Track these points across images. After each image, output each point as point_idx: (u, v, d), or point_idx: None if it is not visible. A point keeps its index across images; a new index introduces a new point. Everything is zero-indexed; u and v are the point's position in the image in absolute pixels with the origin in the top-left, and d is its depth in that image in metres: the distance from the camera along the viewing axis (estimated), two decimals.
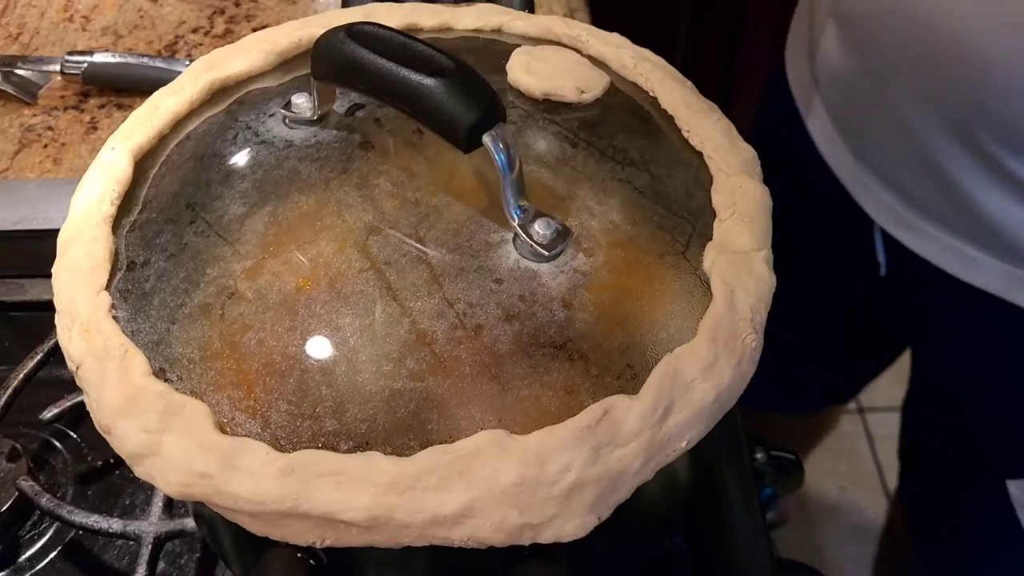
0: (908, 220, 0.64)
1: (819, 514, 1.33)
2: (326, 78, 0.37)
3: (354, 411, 0.32)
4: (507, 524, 0.30)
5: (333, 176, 0.38)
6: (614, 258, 0.35)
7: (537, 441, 0.30)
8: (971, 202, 0.58)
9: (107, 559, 0.50)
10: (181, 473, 0.31)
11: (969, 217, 0.60)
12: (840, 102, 0.66)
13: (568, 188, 0.37)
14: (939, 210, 0.62)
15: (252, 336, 0.33)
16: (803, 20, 0.72)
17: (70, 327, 0.35)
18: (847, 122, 0.66)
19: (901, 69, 0.57)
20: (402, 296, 0.34)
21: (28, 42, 0.75)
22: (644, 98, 0.42)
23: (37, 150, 0.66)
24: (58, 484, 0.52)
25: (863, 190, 0.66)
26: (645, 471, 0.31)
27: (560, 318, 0.34)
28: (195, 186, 0.38)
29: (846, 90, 0.65)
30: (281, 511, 0.30)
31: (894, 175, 0.63)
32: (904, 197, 0.63)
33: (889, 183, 0.64)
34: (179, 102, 0.42)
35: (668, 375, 0.32)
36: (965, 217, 0.60)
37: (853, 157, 0.66)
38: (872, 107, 0.62)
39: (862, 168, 0.65)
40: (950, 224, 0.62)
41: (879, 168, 0.64)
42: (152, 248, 0.37)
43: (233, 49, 0.44)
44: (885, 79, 0.59)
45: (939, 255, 0.63)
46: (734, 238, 0.36)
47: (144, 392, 0.32)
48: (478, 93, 0.33)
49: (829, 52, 0.65)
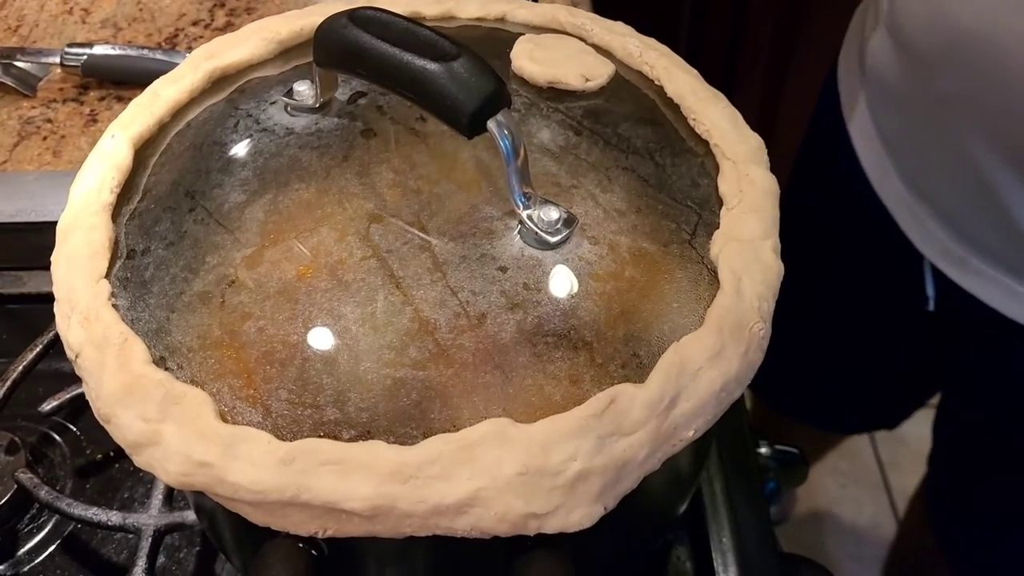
0: (957, 255, 0.61)
1: (819, 511, 1.33)
2: (328, 64, 0.37)
3: (356, 400, 0.31)
4: (511, 514, 0.29)
5: (335, 164, 0.37)
6: (619, 246, 0.35)
7: (542, 430, 0.30)
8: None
9: (106, 552, 0.49)
10: (181, 462, 0.30)
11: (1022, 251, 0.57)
12: (890, 118, 0.64)
13: (572, 176, 0.37)
14: (990, 243, 0.59)
15: (253, 325, 0.33)
16: (856, 35, 0.69)
17: (69, 315, 0.34)
18: (897, 143, 0.63)
19: (955, 89, 0.55)
20: (405, 284, 0.34)
21: (27, 34, 0.74)
22: (649, 87, 0.42)
23: (36, 142, 0.66)
24: (57, 477, 0.52)
25: (912, 221, 0.64)
26: (651, 461, 0.31)
27: (564, 307, 0.33)
28: (195, 174, 0.38)
29: (896, 106, 0.62)
30: (282, 501, 0.30)
31: (944, 204, 0.61)
32: (953, 228, 0.61)
33: (939, 213, 0.61)
34: (179, 90, 0.42)
35: (675, 364, 0.32)
36: (1018, 251, 0.57)
37: (902, 183, 0.63)
38: (923, 127, 0.60)
39: (911, 195, 0.63)
40: (1001, 259, 0.59)
41: (929, 196, 0.62)
42: (152, 236, 0.36)
43: (234, 38, 0.44)
44: (940, 102, 0.57)
45: (988, 291, 0.60)
46: (742, 226, 0.35)
47: (144, 381, 0.32)
48: (483, 78, 0.33)
49: (880, 65, 0.62)
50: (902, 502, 1.34)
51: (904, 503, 1.33)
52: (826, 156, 0.73)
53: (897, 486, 1.36)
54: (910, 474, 1.35)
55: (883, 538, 1.30)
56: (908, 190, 0.63)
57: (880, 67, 0.63)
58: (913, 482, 1.31)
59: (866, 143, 0.66)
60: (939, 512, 0.80)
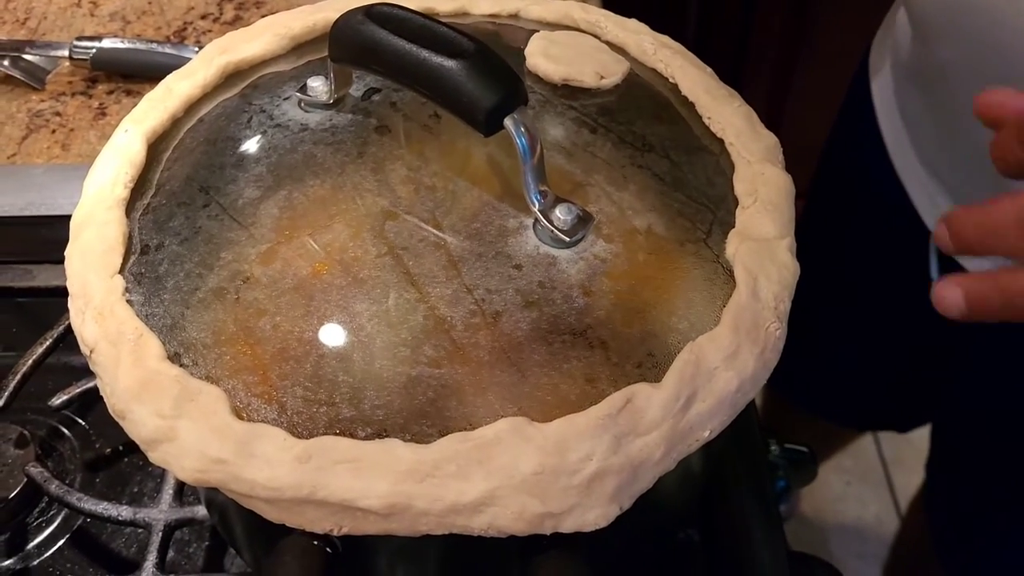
0: None
1: (823, 509, 1.33)
2: (344, 60, 0.36)
3: (371, 398, 0.31)
4: (527, 513, 0.29)
5: (349, 160, 0.37)
6: (634, 245, 0.35)
7: (558, 429, 0.30)
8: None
9: (115, 547, 0.49)
10: (196, 459, 0.30)
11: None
12: (907, 93, 0.63)
13: (587, 174, 0.37)
14: None
15: (268, 321, 0.33)
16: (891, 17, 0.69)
17: (84, 310, 0.34)
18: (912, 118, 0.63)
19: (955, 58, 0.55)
20: (420, 282, 0.33)
21: (36, 27, 0.74)
22: (663, 85, 0.42)
23: (45, 135, 0.66)
24: (66, 471, 0.52)
25: (924, 199, 0.63)
26: (667, 461, 0.31)
27: (580, 305, 0.33)
28: (209, 169, 0.38)
29: (911, 80, 0.62)
30: (298, 498, 0.30)
31: (952, 180, 0.60)
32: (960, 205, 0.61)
33: (948, 190, 0.61)
34: (192, 85, 0.41)
35: (690, 363, 0.31)
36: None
37: (916, 159, 0.63)
38: (930, 98, 0.59)
39: (925, 172, 0.62)
40: None
41: (939, 172, 0.61)
42: (166, 232, 0.36)
43: (246, 33, 0.44)
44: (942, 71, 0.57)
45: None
46: (757, 226, 0.35)
47: (159, 376, 0.32)
48: (500, 76, 0.33)
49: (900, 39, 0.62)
50: (905, 500, 1.33)
51: (907, 501, 1.33)
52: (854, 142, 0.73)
53: (901, 484, 1.36)
54: (914, 472, 1.35)
55: (886, 536, 1.30)
56: (922, 167, 0.63)
57: (899, 41, 0.63)
58: (917, 481, 1.31)
59: (889, 121, 0.66)
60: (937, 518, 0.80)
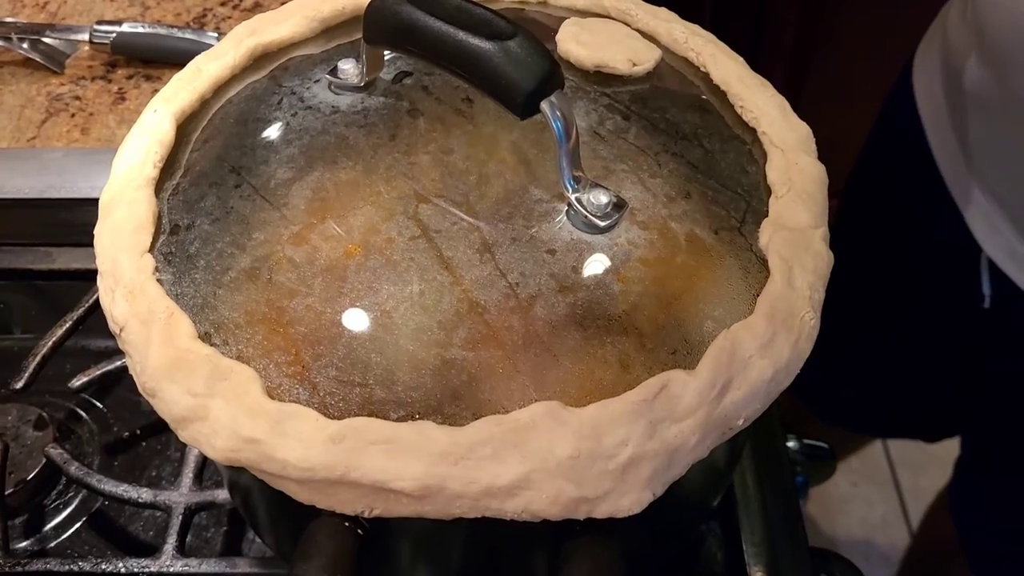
0: (1021, 255, 0.60)
1: (830, 508, 1.33)
2: (379, 42, 0.36)
3: (404, 379, 0.31)
4: (562, 497, 0.29)
5: (381, 143, 0.37)
6: (669, 232, 0.35)
7: (593, 414, 0.30)
8: None
9: (133, 530, 0.49)
10: (228, 438, 0.30)
11: None
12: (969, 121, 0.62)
13: (621, 160, 0.36)
14: None
15: (300, 302, 0.33)
16: (937, 37, 0.68)
17: (113, 289, 0.34)
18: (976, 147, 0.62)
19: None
20: (453, 265, 0.33)
21: (56, 11, 0.74)
22: (695, 73, 0.42)
23: (64, 119, 0.66)
24: (84, 454, 0.52)
25: (982, 223, 0.62)
26: (701, 448, 0.31)
27: (614, 291, 0.33)
28: (239, 150, 0.38)
29: (978, 108, 0.61)
30: (331, 479, 0.29)
31: (1018, 207, 0.59)
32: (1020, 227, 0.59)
33: (1012, 217, 0.60)
34: (221, 66, 0.41)
35: (725, 351, 0.31)
36: None
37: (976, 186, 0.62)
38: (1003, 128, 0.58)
39: (985, 198, 0.61)
40: None
41: (1004, 200, 0.60)
42: (196, 211, 0.36)
43: (275, 15, 0.44)
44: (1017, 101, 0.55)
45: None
46: (791, 215, 0.35)
47: (190, 355, 0.32)
48: (537, 59, 0.32)
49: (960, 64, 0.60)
50: (912, 501, 1.33)
51: (914, 502, 1.32)
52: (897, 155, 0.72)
53: (907, 485, 1.36)
54: (921, 474, 1.35)
55: (892, 536, 1.29)
56: (982, 192, 0.62)
57: (955, 64, 0.62)
58: (924, 482, 1.31)
59: (941, 144, 0.65)
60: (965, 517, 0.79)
